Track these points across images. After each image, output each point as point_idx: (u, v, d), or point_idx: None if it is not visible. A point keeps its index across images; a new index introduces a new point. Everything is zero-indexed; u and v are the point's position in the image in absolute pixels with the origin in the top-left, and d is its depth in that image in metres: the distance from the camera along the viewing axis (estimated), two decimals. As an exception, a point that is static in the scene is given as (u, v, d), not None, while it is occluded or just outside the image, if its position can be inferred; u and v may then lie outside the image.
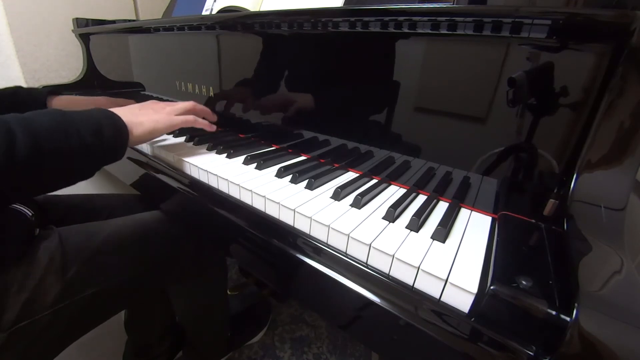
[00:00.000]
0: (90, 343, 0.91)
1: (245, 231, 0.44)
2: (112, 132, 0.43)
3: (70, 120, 0.39)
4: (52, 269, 0.44)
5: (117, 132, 0.44)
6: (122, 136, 0.45)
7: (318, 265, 0.37)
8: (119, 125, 0.45)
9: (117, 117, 0.45)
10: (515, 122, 0.39)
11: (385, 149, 0.52)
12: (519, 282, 0.27)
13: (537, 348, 0.25)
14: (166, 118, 0.53)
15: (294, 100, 0.61)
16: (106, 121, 0.43)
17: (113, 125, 0.44)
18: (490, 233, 0.38)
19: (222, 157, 0.58)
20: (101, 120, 0.42)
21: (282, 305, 1.10)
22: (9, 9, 1.04)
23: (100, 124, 0.42)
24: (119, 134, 0.45)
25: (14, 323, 0.40)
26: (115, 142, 0.44)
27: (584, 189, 0.34)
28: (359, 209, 0.42)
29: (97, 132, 0.41)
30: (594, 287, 0.26)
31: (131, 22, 1.15)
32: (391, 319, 0.31)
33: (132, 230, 0.56)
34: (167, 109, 0.55)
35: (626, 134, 0.32)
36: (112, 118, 0.45)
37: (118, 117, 0.45)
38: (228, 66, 0.71)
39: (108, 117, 0.44)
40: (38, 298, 0.42)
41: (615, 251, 0.31)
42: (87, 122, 0.41)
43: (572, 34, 0.34)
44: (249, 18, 0.61)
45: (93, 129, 0.41)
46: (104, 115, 0.44)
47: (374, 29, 0.46)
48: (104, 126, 0.42)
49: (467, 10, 0.39)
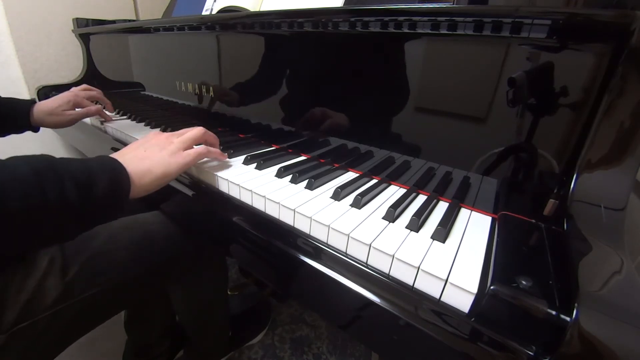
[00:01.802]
0: (90, 343, 0.92)
1: (245, 231, 0.44)
2: (107, 188, 0.36)
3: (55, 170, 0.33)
4: (52, 270, 0.43)
5: (114, 185, 0.37)
6: (120, 191, 0.38)
7: (318, 265, 0.37)
8: (117, 178, 0.37)
9: (117, 168, 0.38)
10: (515, 122, 0.39)
11: (385, 149, 0.52)
12: (519, 282, 0.27)
13: (537, 348, 0.25)
14: (178, 159, 0.45)
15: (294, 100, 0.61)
16: (102, 174, 0.36)
17: (109, 178, 0.36)
18: (490, 233, 0.38)
19: (222, 157, 0.58)
20: (95, 172, 0.35)
21: (282, 305, 1.10)
22: (9, 9, 1.04)
23: (92, 176, 0.35)
24: (116, 188, 0.37)
25: (14, 324, 0.40)
26: (110, 199, 0.36)
27: (584, 189, 0.34)
28: (359, 209, 0.42)
29: (87, 186, 0.34)
30: (594, 287, 0.26)
31: (131, 22, 1.15)
32: (391, 319, 0.31)
33: (132, 231, 0.56)
34: (175, 144, 0.46)
35: (626, 134, 0.32)
36: (111, 169, 0.37)
37: (120, 168, 0.38)
38: (228, 66, 0.71)
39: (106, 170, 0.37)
40: (38, 299, 0.42)
41: (615, 251, 0.31)
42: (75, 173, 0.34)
43: (572, 34, 0.34)
44: (249, 18, 0.61)
45: (81, 182, 0.34)
46: (101, 165, 0.37)
47: (374, 29, 0.46)
48: (97, 179, 0.35)
49: (467, 10, 0.39)
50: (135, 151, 0.43)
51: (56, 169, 0.33)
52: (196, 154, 0.47)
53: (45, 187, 0.31)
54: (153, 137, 0.48)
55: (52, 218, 0.32)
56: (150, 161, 0.42)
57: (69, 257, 0.46)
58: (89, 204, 0.34)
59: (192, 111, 0.83)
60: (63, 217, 0.33)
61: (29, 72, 1.14)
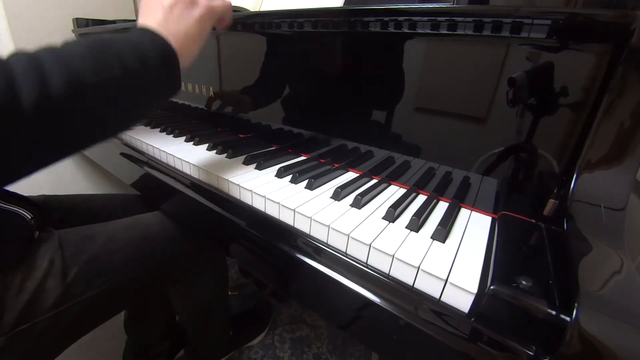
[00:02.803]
0: (90, 343, 0.91)
1: (245, 231, 0.44)
2: (160, 66, 0.36)
3: (110, 47, 0.33)
4: (52, 272, 0.44)
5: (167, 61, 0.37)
6: (173, 66, 0.38)
7: (318, 265, 0.37)
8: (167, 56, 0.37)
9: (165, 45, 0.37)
10: (515, 122, 0.39)
11: (385, 149, 0.52)
12: (519, 282, 0.27)
13: (537, 348, 0.25)
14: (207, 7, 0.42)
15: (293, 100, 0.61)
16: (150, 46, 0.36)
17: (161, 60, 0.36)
18: (490, 233, 0.38)
19: (222, 157, 0.58)
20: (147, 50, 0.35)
21: (282, 305, 1.10)
22: (9, 9, 1.04)
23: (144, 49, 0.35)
24: (169, 63, 0.37)
25: (14, 326, 0.40)
26: (164, 73, 0.37)
27: (584, 189, 0.34)
28: (359, 209, 0.42)
29: (142, 59, 0.34)
30: (594, 287, 0.26)
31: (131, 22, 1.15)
32: (391, 319, 0.31)
33: (132, 232, 0.56)
34: None
35: (626, 134, 0.32)
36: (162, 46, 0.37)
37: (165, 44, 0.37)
38: (228, 66, 0.71)
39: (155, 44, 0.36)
40: (38, 301, 0.42)
41: (615, 251, 0.31)
42: (129, 48, 0.34)
43: (572, 34, 0.34)
44: (249, 18, 0.61)
45: (137, 55, 0.34)
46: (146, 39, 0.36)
47: (374, 29, 0.46)
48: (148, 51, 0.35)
49: (467, 10, 0.39)
50: (167, 15, 0.40)
51: (111, 46, 0.33)
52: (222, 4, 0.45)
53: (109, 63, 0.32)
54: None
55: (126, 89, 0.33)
56: (184, 22, 0.40)
57: (68, 258, 0.46)
58: (149, 74, 0.35)
59: (192, 111, 0.83)
60: (133, 89, 0.34)
61: (29, 72, 1.14)
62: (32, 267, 0.42)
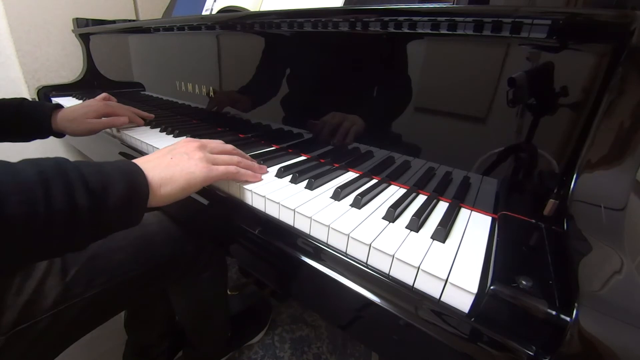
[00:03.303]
0: (90, 343, 0.91)
1: (245, 231, 0.44)
2: (123, 193, 0.33)
3: (65, 174, 0.30)
4: (52, 271, 0.43)
5: (131, 192, 0.34)
6: (138, 199, 0.35)
7: (318, 266, 0.37)
8: (135, 184, 0.35)
9: (135, 172, 0.36)
10: (515, 122, 0.39)
11: (385, 149, 0.52)
12: (519, 282, 0.27)
13: (537, 348, 0.25)
14: (203, 170, 0.41)
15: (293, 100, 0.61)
16: (118, 178, 0.33)
17: (126, 184, 0.33)
18: (490, 233, 0.38)
19: (222, 157, 0.58)
20: (110, 177, 0.33)
21: (282, 305, 1.10)
22: (9, 9, 1.04)
23: (107, 181, 0.32)
24: (133, 195, 0.34)
25: (14, 325, 0.40)
26: (126, 207, 0.33)
27: (584, 189, 0.34)
28: (359, 209, 0.42)
29: (100, 191, 0.31)
30: (593, 287, 0.26)
31: (131, 22, 1.15)
32: (391, 319, 0.31)
33: (132, 231, 0.55)
34: (206, 155, 0.43)
35: (626, 134, 0.32)
36: (128, 174, 0.35)
37: (137, 172, 0.36)
38: (228, 66, 0.71)
39: (122, 174, 0.34)
40: (38, 300, 0.42)
41: (615, 251, 0.31)
42: (88, 178, 0.31)
43: (572, 34, 0.34)
44: (249, 18, 0.61)
45: (94, 188, 0.31)
46: (117, 169, 0.34)
47: (374, 29, 0.46)
48: (113, 184, 0.32)
49: (467, 10, 0.39)
50: (161, 158, 0.40)
51: (67, 173, 0.30)
52: (225, 171, 0.44)
53: (52, 193, 0.28)
54: (183, 145, 0.44)
55: (59, 227, 0.29)
56: (174, 169, 0.39)
57: (68, 258, 0.46)
58: (103, 212, 0.32)
59: (192, 111, 0.83)
60: (72, 226, 0.30)
61: (29, 72, 1.14)
62: (31, 266, 0.42)
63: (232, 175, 0.45)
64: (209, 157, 0.43)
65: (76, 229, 0.30)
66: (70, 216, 0.29)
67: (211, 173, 0.42)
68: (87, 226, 0.31)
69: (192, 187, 0.41)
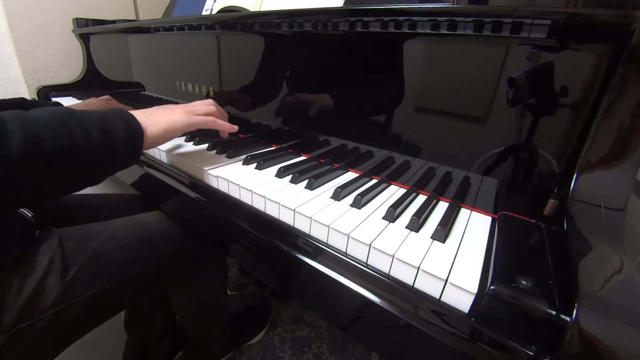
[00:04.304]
0: (90, 343, 0.91)
1: (245, 231, 0.44)
2: (125, 132, 0.39)
3: (75, 117, 0.36)
4: (52, 271, 0.43)
5: (131, 131, 0.41)
6: (136, 137, 0.42)
7: (318, 265, 0.37)
8: (132, 125, 0.41)
9: (129, 116, 0.42)
10: (515, 122, 0.39)
11: (385, 149, 0.52)
12: (519, 282, 0.27)
13: (537, 348, 0.25)
14: (184, 116, 0.48)
15: (293, 100, 0.61)
16: (117, 120, 0.40)
17: (125, 125, 0.40)
18: (490, 233, 0.38)
19: (222, 157, 0.58)
20: (111, 119, 0.39)
21: (282, 305, 1.10)
22: (9, 9, 1.04)
23: (110, 122, 0.38)
24: (133, 133, 0.41)
25: (14, 325, 0.40)
26: (128, 144, 0.40)
27: (584, 189, 0.34)
28: (359, 209, 0.42)
29: (106, 131, 0.38)
30: (593, 287, 0.26)
31: (131, 22, 1.15)
32: (391, 319, 0.31)
33: (133, 231, 0.56)
34: (185, 108, 0.51)
35: (626, 134, 0.32)
36: (125, 117, 0.41)
37: (131, 116, 0.42)
38: (228, 66, 0.71)
39: (119, 116, 0.41)
40: (38, 300, 0.42)
41: (615, 251, 0.31)
42: (94, 120, 0.37)
43: (572, 34, 0.34)
44: (249, 18, 0.61)
45: (102, 128, 0.37)
46: (115, 114, 0.41)
47: (374, 29, 0.46)
48: (114, 125, 0.39)
49: (467, 10, 0.39)
50: (146, 111, 0.48)
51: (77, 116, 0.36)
52: (204, 120, 0.51)
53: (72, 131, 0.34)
54: (165, 105, 0.52)
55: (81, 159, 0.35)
56: (157, 117, 0.46)
57: (68, 258, 0.46)
58: (111, 147, 0.38)
59: (192, 111, 0.83)
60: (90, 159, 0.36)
61: (29, 72, 1.14)
62: (32, 265, 0.42)
63: (210, 123, 0.52)
64: (188, 109, 0.51)
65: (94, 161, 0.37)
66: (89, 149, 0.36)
67: (191, 120, 0.49)
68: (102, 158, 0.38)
69: (174, 131, 0.47)
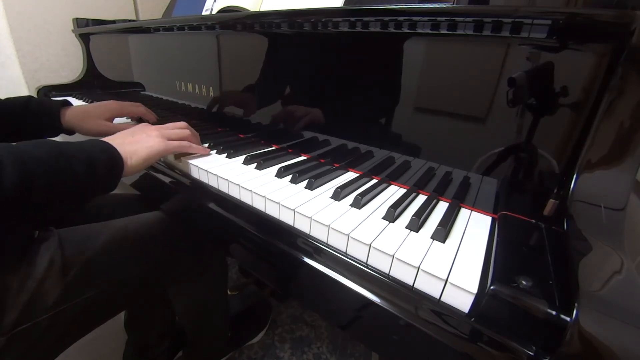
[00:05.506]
0: (90, 343, 0.91)
1: (246, 231, 0.44)
2: (107, 166, 0.43)
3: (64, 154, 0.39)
4: (52, 271, 0.43)
5: (112, 163, 0.44)
6: (117, 168, 0.45)
7: (318, 265, 0.37)
8: (113, 158, 0.44)
9: (112, 150, 0.45)
10: (515, 122, 0.39)
11: (385, 149, 0.52)
12: (519, 282, 0.27)
13: (537, 348, 0.25)
14: (161, 143, 0.51)
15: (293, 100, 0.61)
16: (100, 154, 0.43)
17: (108, 159, 0.43)
18: (490, 233, 0.38)
19: (222, 157, 0.58)
20: (95, 155, 0.42)
21: (282, 305, 1.10)
22: (9, 9, 1.04)
23: (93, 157, 0.42)
24: (114, 165, 0.44)
25: (14, 326, 0.40)
26: (110, 176, 0.43)
27: (584, 189, 0.34)
28: (359, 209, 0.42)
29: (91, 165, 0.40)
30: (594, 287, 0.26)
31: (131, 22, 1.15)
32: (391, 319, 0.31)
33: (133, 232, 0.56)
34: (161, 132, 0.53)
35: (626, 134, 0.32)
36: (107, 151, 0.44)
37: (113, 149, 0.45)
38: (228, 66, 0.71)
39: (103, 151, 0.44)
40: (38, 300, 0.42)
41: (615, 251, 0.31)
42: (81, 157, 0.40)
43: (572, 34, 0.34)
44: (249, 18, 0.61)
45: (87, 162, 0.40)
46: (99, 148, 0.44)
47: (374, 29, 0.46)
48: (97, 159, 0.42)
49: (467, 10, 0.39)
50: (126, 137, 0.50)
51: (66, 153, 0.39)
52: (178, 145, 0.54)
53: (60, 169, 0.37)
54: (141, 126, 0.54)
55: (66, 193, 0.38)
56: (137, 146, 0.48)
57: (69, 258, 0.46)
58: (93, 180, 0.41)
59: (193, 111, 0.83)
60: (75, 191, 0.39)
61: (29, 72, 1.14)
62: (32, 266, 0.42)
63: (186, 148, 0.55)
64: (164, 133, 0.53)
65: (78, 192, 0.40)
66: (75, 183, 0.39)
67: (168, 147, 0.52)
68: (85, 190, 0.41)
69: (152, 158, 0.50)
